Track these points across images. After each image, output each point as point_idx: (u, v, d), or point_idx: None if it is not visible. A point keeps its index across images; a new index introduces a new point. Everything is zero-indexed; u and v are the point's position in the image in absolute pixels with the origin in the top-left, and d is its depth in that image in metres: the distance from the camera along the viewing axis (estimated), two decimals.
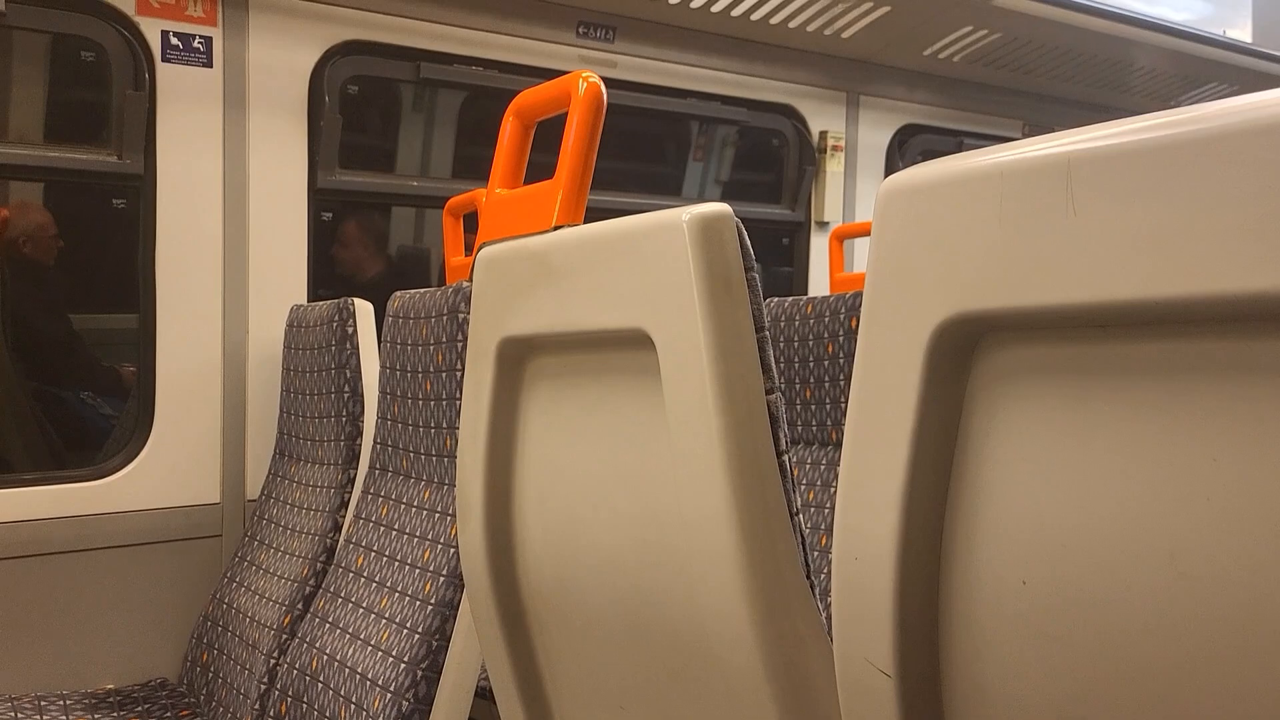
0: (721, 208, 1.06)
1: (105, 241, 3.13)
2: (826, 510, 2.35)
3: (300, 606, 2.19)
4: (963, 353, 0.80)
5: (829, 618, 0.92)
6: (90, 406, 3.20)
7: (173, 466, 2.53)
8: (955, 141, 3.91)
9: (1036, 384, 0.76)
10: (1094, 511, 0.71)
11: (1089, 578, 0.71)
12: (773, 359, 1.06)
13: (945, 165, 0.81)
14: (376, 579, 1.97)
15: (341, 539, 2.20)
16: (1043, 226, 0.72)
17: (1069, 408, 0.74)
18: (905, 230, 0.82)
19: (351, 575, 2.05)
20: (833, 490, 2.35)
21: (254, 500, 2.60)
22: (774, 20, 3.16)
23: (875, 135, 3.72)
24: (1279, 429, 0.63)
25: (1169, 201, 0.66)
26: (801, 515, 1.07)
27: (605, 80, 1.40)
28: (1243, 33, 3.86)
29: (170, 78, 2.47)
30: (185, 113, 2.50)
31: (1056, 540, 0.73)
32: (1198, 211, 0.64)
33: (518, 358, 1.33)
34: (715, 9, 3.05)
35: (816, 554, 2.27)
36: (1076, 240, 0.70)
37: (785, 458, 1.03)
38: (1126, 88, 3.99)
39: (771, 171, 3.70)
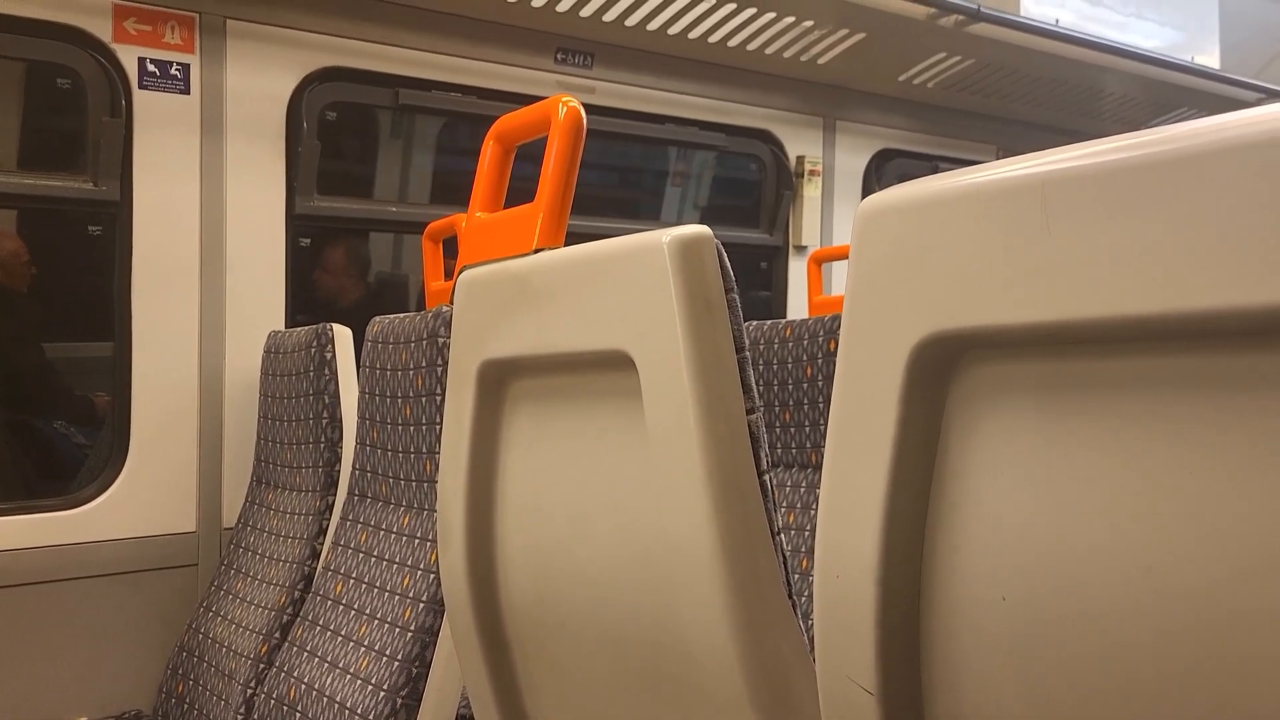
0: (701, 229, 1.06)
1: (80, 269, 3.11)
2: (807, 533, 2.35)
3: (278, 635, 2.16)
4: (941, 370, 0.80)
5: (812, 640, 0.92)
6: (64, 436, 3.17)
7: (148, 495, 2.50)
8: (930, 166, 3.95)
9: (1014, 400, 0.77)
10: (1072, 527, 0.72)
11: (1067, 593, 0.72)
12: (753, 379, 1.06)
13: (922, 186, 0.82)
14: (355, 606, 1.95)
15: (320, 566, 2.18)
16: (1018, 245, 0.73)
17: (1047, 424, 0.74)
18: (883, 250, 0.83)
19: (330, 603, 2.03)
20: (813, 512, 2.36)
21: (231, 528, 2.57)
22: (750, 47, 3.20)
23: (852, 160, 3.75)
24: (1251, 443, 0.64)
25: (1141, 220, 0.67)
26: (782, 536, 1.07)
27: (585, 106, 1.41)
28: (1211, 59, 3.93)
29: (147, 105, 2.47)
30: (162, 139, 2.50)
31: (1035, 556, 0.74)
32: (1169, 230, 0.65)
33: (499, 380, 1.33)
34: (692, 35, 3.08)
35: (798, 576, 2.27)
36: (1051, 259, 0.71)
37: (766, 477, 1.03)
38: (1098, 113, 4.05)
39: (750, 196, 3.72)
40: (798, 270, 3.62)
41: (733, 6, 2.96)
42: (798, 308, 3.61)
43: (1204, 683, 0.66)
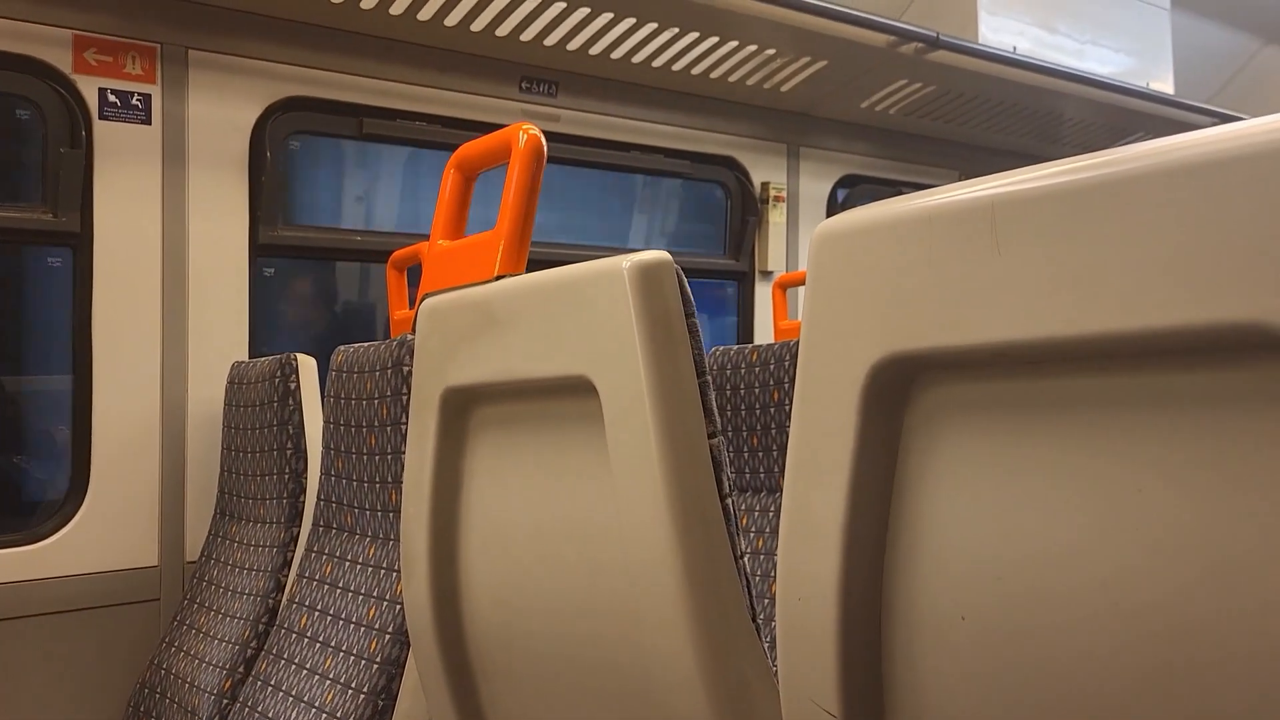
0: (661, 255, 1.07)
1: (41, 301, 3.07)
2: (776, 558, 2.35)
3: (241, 670, 2.13)
4: (898, 392, 0.81)
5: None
6: (22, 471, 3.12)
7: (109, 529, 2.47)
8: (893, 191, 3.99)
9: (970, 420, 0.77)
10: (1028, 544, 0.73)
11: (1024, 610, 0.72)
12: (714, 403, 1.07)
13: (876, 210, 0.83)
14: (320, 639, 1.92)
15: (284, 599, 2.16)
16: (970, 267, 0.74)
17: (1001, 443, 0.75)
18: (839, 274, 0.84)
19: (294, 636, 2.00)
20: None
21: (194, 562, 2.54)
22: (714, 75, 3.23)
23: (816, 186, 3.79)
24: (1199, 459, 0.65)
25: (1088, 241, 0.68)
26: (751, 562, 1.07)
27: (549, 134, 1.42)
28: (1165, 85, 4.01)
29: (108, 135, 2.45)
30: (123, 170, 2.48)
31: (993, 574, 0.74)
32: (1116, 250, 0.66)
33: (461, 408, 1.33)
34: (656, 64, 3.10)
35: (768, 602, 2.26)
36: (1002, 280, 0.72)
37: (728, 501, 1.03)
38: (1058, 138, 4.12)
39: (716, 222, 3.75)
40: (764, 295, 3.64)
41: (695, 36, 2.99)
42: (765, 332, 3.63)
43: (1162, 694, 0.67)
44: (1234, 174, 0.61)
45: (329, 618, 1.93)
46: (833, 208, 3.86)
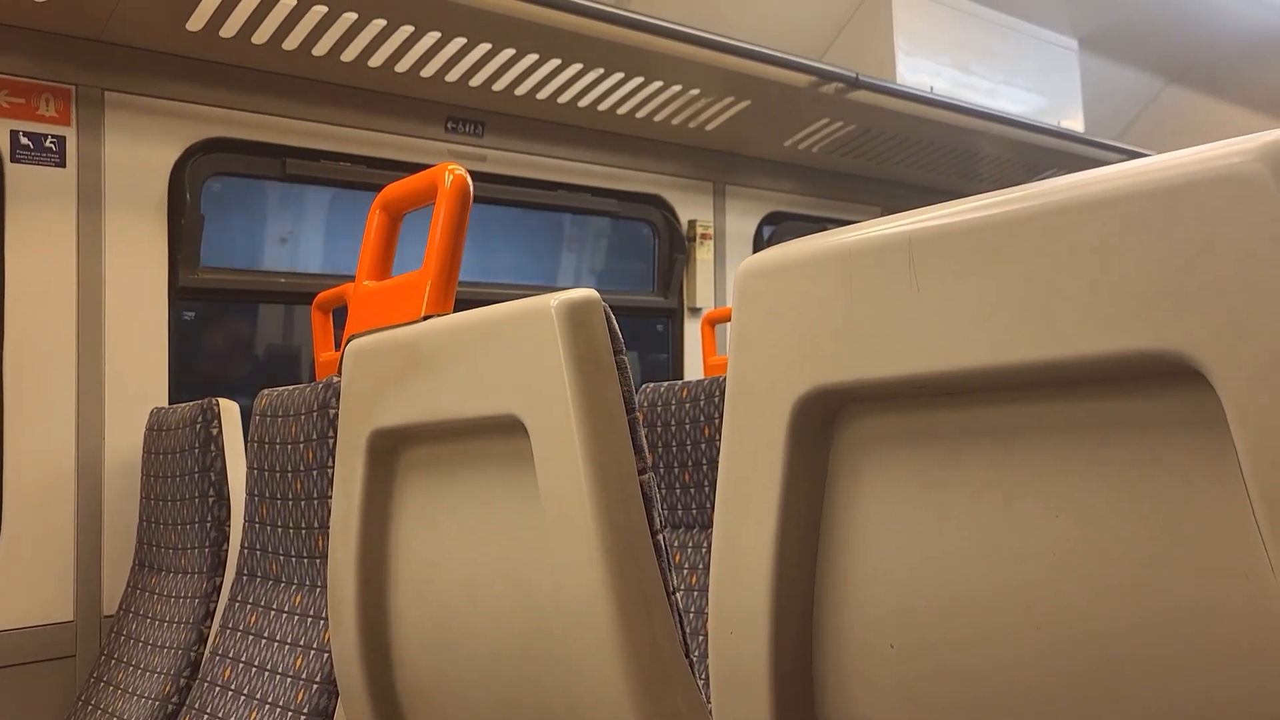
0: (589, 293, 1.07)
1: None
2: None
3: None
4: (823, 425, 0.82)
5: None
6: None
7: (21, 584, 2.37)
8: (818, 227, 4.06)
9: (893, 452, 0.79)
10: (952, 572, 0.74)
11: (951, 637, 0.73)
12: (644, 440, 1.07)
13: (799, 246, 0.84)
14: (245, 691, 1.87)
15: (207, 651, 2.09)
16: (889, 301, 0.75)
17: (924, 473, 0.76)
18: (763, 309, 0.85)
19: (218, 689, 1.94)
20: None
21: (111, 616, 2.45)
22: (640, 114, 3.26)
23: (742, 223, 3.84)
24: (1111, 484, 0.66)
25: (1002, 275, 0.70)
26: (685, 598, 1.07)
27: (476, 174, 1.42)
28: (1075, 123, 4.16)
29: (20, 178, 2.39)
30: (37, 213, 2.41)
31: (919, 602, 0.75)
32: (1029, 283, 0.68)
33: (389, 450, 1.31)
34: (582, 104, 3.13)
35: (703, 639, 2.26)
36: (920, 313, 0.73)
37: (660, 537, 1.03)
38: (975, 175, 4.24)
39: (645, 260, 3.77)
40: (693, 332, 3.67)
41: (620, 76, 3.02)
42: (694, 368, 3.65)
43: (1082, 711, 0.68)
44: (1141, 208, 0.64)
45: (254, 669, 1.88)
46: (759, 244, 3.92)
